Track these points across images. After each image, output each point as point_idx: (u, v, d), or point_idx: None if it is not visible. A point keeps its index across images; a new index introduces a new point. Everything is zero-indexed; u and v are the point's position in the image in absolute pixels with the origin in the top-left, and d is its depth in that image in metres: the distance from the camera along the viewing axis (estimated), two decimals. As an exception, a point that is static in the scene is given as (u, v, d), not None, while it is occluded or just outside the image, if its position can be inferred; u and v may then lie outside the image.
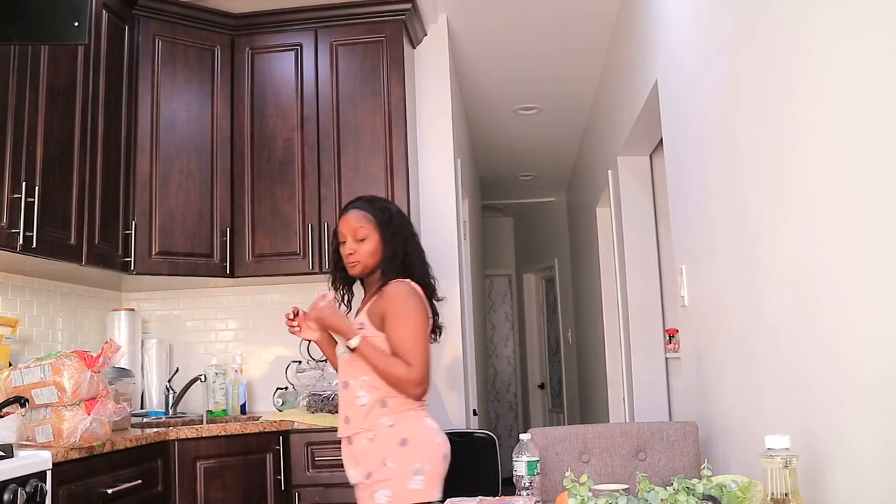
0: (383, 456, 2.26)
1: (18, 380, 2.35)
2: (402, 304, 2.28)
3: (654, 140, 3.96)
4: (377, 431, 2.28)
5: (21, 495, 1.98)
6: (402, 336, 2.26)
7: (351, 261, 2.37)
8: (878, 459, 1.41)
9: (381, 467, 2.26)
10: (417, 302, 2.31)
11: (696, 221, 2.65)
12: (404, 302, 2.28)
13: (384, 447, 2.27)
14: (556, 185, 7.52)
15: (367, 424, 2.29)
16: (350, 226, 2.36)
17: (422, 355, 2.26)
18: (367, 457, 2.29)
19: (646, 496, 1.47)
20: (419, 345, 2.26)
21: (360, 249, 2.35)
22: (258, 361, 3.81)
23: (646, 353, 4.29)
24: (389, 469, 2.25)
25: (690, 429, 2.44)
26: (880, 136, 1.34)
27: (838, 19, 1.49)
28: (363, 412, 2.30)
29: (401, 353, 2.26)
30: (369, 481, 2.27)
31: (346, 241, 2.37)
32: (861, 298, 1.44)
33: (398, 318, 2.27)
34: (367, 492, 2.28)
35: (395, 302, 2.28)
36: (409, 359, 2.24)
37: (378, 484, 2.25)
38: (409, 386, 2.24)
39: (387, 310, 2.29)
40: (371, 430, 2.29)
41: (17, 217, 2.51)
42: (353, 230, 2.35)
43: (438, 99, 3.97)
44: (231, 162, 3.56)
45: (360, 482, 2.32)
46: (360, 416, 2.30)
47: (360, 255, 2.35)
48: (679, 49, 2.76)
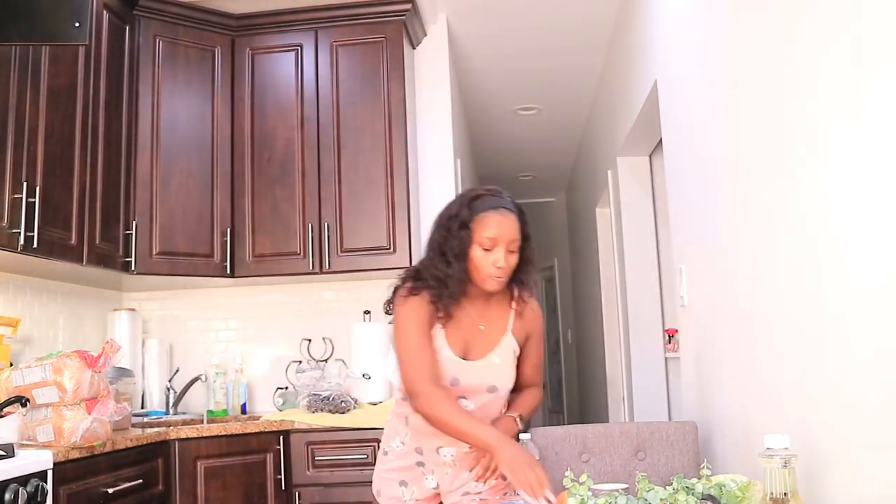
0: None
1: (19, 379, 2.35)
2: (542, 324, 2.15)
3: (654, 140, 3.96)
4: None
5: (22, 495, 1.99)
6: (540, 358, 2.12)
7: (500, 275, 1.94)
8: (877, 459, 1.41)
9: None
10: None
11: (695, 221, 2.66)
12: (543, 321, 2.16)
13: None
14: (555, 185, 7.52)
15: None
16: (510, 234, 1.92)
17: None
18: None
19: (645, 496, 1.47)
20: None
21: (510, 261, 1.94)
22: (258, 361, 3.81)
23: (645, 353, 4.29)
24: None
25: (690, 428, 2.44)
26: (883, 134, 1.34)
27: (839, 18, 1.49)
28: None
29: (537, 375, 2.15)
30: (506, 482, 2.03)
31: (494, 249, 1.92)
32: (861, 298, 1.45)
33: (540, 340, 2.12)
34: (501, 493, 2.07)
35: (540, 324, 2.11)
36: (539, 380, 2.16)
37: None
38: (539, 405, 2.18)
39: (535, 329, 2.09)
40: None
41: (18, 217, 2.52)
42: (512, 240, 1.93)
43: (438, 99, 3.97)
44: (231, 162, 3.56)
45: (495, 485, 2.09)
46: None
47: (510, 268, 1.94)
48: (679, 49, 2.76)
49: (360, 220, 3.46)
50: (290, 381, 3.62)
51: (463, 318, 2.01)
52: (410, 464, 2.09)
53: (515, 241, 1.94)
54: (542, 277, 8.57)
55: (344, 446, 3.05)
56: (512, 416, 2.02)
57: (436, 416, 1.88)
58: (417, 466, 2.09)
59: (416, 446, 2.08)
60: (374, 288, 3.75)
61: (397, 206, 3.46)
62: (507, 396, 2.07)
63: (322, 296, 3.82)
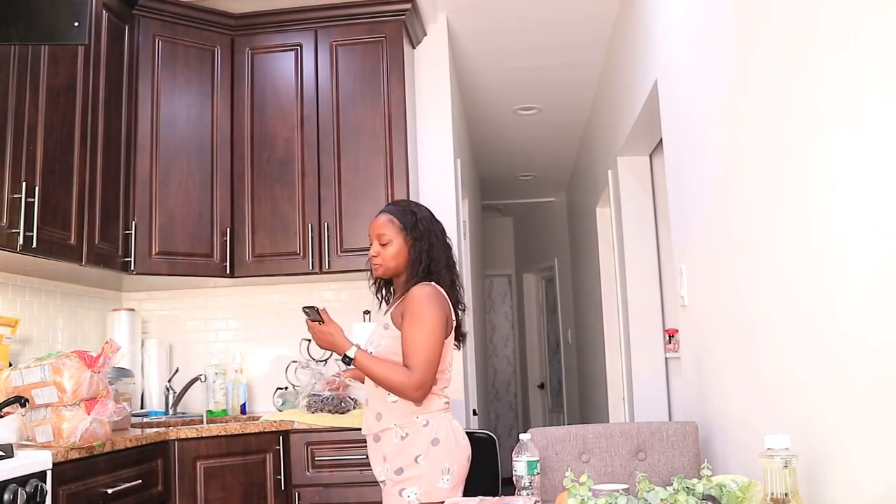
0: (416, 454, 2.29)
1: (18, 380, 2.35)
2: (421, 306, 2.30)
3: (654, 140, 3.96)
4: (411, 429, 2.31)
5: (21, 495, 1.98)
6: (413, 337, 2.28)
7: (374, 263, 2.45)
8: (878, 460, 1.41)
9: (414, 465, 2.28)
10: (437, 305, 2.33)
11: (696, 221, 2.66)
12: (423, 304, 2.31)
13: (417, 445, 2.29)
14: (555, 185, 7.52)
15: (401, 422, 2.31)
16: (375, 229, 2.44)
17: (426, 359, 2.27)
18: (398, 454, 2.31)
19: (645, 496, 1.47)
20: (426, 348, 2.27)
21: (383, 253, 2.41)
22: (258, 361, 3.81)
23: (646, 353, 4.29)
24: (421, 467, 2.28)
25: (690, 429, 2.44)
26: (884, 134, 1.34)
27: (839, 18, 1.49)
28: (397, 410, 2.32)
29: (407, 355, 2.28)
30: (399, 478, 2.28)
31: (372, 244, 2.45)
32: (861, 298, 1.44)
33: (413, 319, 2.30)
34: (394, 489, 2.29)
35: (415, 303, 2.31)
36: (411, 362, 2.26)
37: (408, 481, 2.27)
38: (407, 390, 2.26)
39: (406, 309, 2.32)
40: (404, 428, 2.31)
41: (18, 217, 2.51)
42: (378, 234, 2.43)
43: (438, 99, 3.97)
44: (231, 162, 3.56)
45: (387, 478, 2.32)
46: (393, 414, 2.32)
47: (383, 258, 2.42)
48: (679, 49, 2.76)
49: (360, 220, 3.45)
50: (289, 381, 3.62)
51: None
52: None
53: (381, 235, 2.41)
54: (542, 277, 8.58)
55: (344, 446, 3.05)
56: (353, 343, 2.33)
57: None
58: None
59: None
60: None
61: (397, 206, 3.46)
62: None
63: (322, 296, 3.82)
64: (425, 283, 2.35)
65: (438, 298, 2.34)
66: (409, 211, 2.46)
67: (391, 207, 2.50)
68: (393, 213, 2.45)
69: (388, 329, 2.36)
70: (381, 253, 2.42)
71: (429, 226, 2.45)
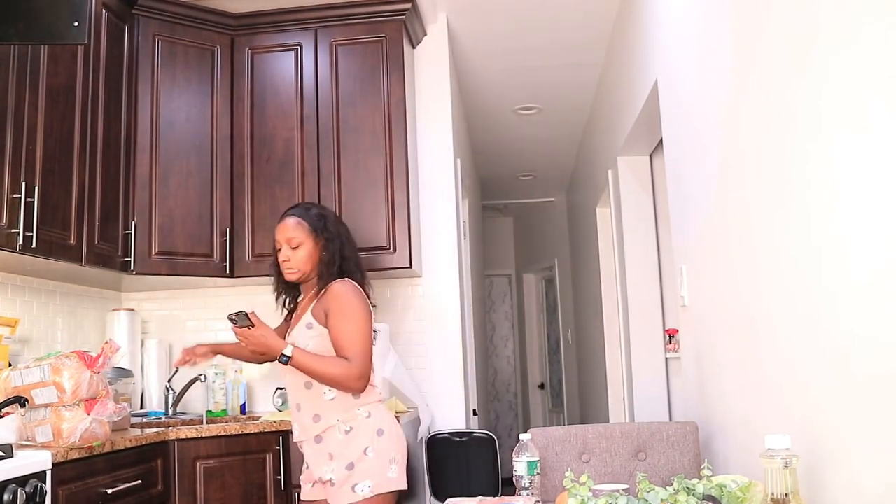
0: (364, 446, 2.31)
1: (18, 380, 2.35)
2: (347, 301, 2.35)
3: (654, 140, 3.96)
4: (355, 423, 2.33)
5: (21, 495, 1.98)
6: (345, 330, 2.32)
7: (286, 268, 2.44)
8: (878, 460, 1.41)
9: (363, 457, 2.30)
10: (361, 300, 2.39)
11: (696, 221, 2.65)
12: (349, 299, 2.36)
13: (364, 437, 2.31)
14: (556, 185, 7.52)
15: (343, 416, 2.33)
16: (284, 233, 2.43)
17: (363, 349, 2.32)
18: (344, 449, 2.32)
19: (646, 496, 1.47)
20: (361, 340, 2.32)
21: (295, 256, 2.42)
22: (258, 361, 3.80)
23: (646, 353, 4.29)
24: (370, 459, 2.29)
25: (690, 429, 2.44)
26: (885, 134, 1.34)
27: (840, 17, 1.49)
28: (336, 406, 2.34)
29: (342, 348, 2.32)
30: (350, 473, 2.29)
31: (281, 249, 2.44)
32: (861, 298, 1.44)
33: (342, 313, 2.34)
34: (345, 486, 2.30)
35: (339, 298, 2.35)
36: (349, 353, 2.30)
37: (359, 475, 2.29)
38: (349, 381, 2.29)
39: (331, 306, 2.36)
40: (348, 422, 2.33)
41: (17, 217, 2.51)
42: (288, 238, 2.43)
43: (438, 99, 3.97)
44: (231, 162, 3.56)
45: (336, 477, 2.32)
46: (333, 411, 2.34)
47: (296, 261, 2.42)
48: (679, 49, 2.76)
49: (360, 220, 3.45)
50: (289, 381, 3.62)
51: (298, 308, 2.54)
52: None
53: (292, 238, 2.40)
54: (542, 277, 8.58)
55: (343, 447, 3.05)
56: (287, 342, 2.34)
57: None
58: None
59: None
60: (374, 288, 3.75)
61: (397, 206, 3.46)
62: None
63: (322, 296, 3.82)
64: (344, 280, 2.40)
65: (359, 293, 2.40)
66: (317, 213, 2.48)
67: (297, 210, 2.49)
68: (301, 215, 2.46)
69: (313, 328, 2.37)
70: (293, 257, 2.42)
71: (337, 226, 2.50)
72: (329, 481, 2.34)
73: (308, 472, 2.44)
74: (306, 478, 2.46)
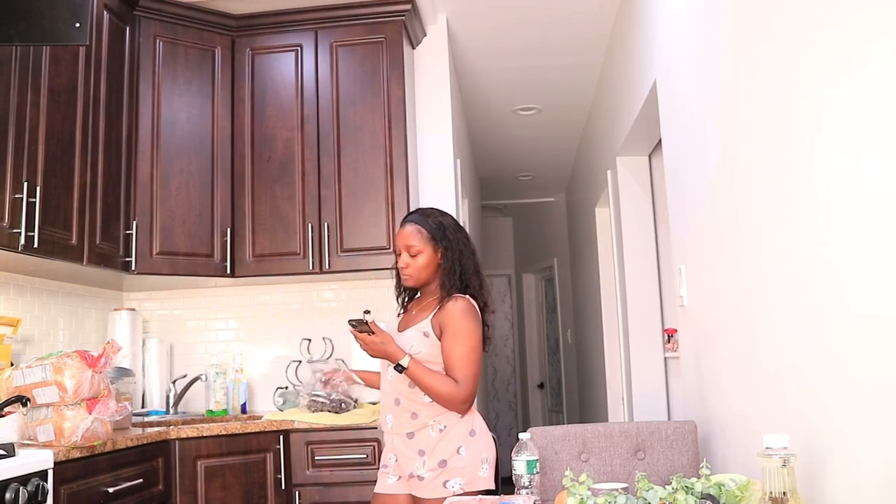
0: (458, 445, 2.33)
1: (20, 379, 2.35)
2: (461, 323, 2.36)
3: (653, 140, 3.96)
4: (448, 422, 2.35)
5: (22, 494, 1.99)
6: (456, 353, 2.34)
7: (404, 274, 2.46)
8: (877, 458, 1.41)
9: (456, 455, 2.32)
10: (474, 320, 2.40)
11: (695, 221, 2.66)
12: (463, 320, 2.36)
13: (458, 437, 2.34)
14: (555, 185, 7.53)
15: (440, 416, 2.36)
16: (404, 241, 2.45)
17: (472, 374, 2.34)
18: (438, 446, 2.34)
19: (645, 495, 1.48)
20: (471, 363, 2.34)
21: (414, 264, 2.43)
22: (258, 361, 3.82)
23: (645, 353, 4.29)
24: (463, 458, 2.32)
25: (689, 428, 2.45)
26: (883, 135, 1.35)
27: (839, 17, 1.49)
28: (434, 406, 2.36)
29: (452, 369, 2.34)
30: (442, 470, 2.31)
31: (401, 255, 2.46)
32: (861, 298, 1.45)
33: (455, 335, 2.35)
34: (436, 481, 2.31)
35: (454, 319, 2.36)
36: (458, 376, 2.32)
37: (452, 472, 2.31)
38: (455, 403, 2.33)
39: (446, 324, 2.37)
40: (442, 421, 2.35)
41: (19, 217, 2.52)
42: (408, 246, 2.44)
43: (438, 99, 3.98)
44: (231, 162, 3.57)
45: (427, 472, 2.33)
46: (431, 411, 2.36)
47: (413, 269, 2.44)
48: (678, 49, 2.76)
49: (360, 220, 3.46)
50: (289, 380, 3.63)
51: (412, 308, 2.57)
52: None
53: (411, 246, 2.42)
54: (542, 277, 8.58)
55: (344, 446, 3.06)
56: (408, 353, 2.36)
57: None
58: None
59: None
60: (374, 288, 3.77)
61: (397, 206, 3.47)
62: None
63: (322, 296, 3.83)
64: (459, 297, 2.40)
65: (474, 313, 2.41)
66: (436, 220, 2.47)
67: (417, 217, 2.49)
68: (420, 222, 2.45)
69: (429, 337, 2.39)
70: (412, 264, 2.43)
71: (456, 234, 2.48)
72: (418, 476, 2.35)
73: (396, 466, 2.42)
74: (393, 471, 2.43)
